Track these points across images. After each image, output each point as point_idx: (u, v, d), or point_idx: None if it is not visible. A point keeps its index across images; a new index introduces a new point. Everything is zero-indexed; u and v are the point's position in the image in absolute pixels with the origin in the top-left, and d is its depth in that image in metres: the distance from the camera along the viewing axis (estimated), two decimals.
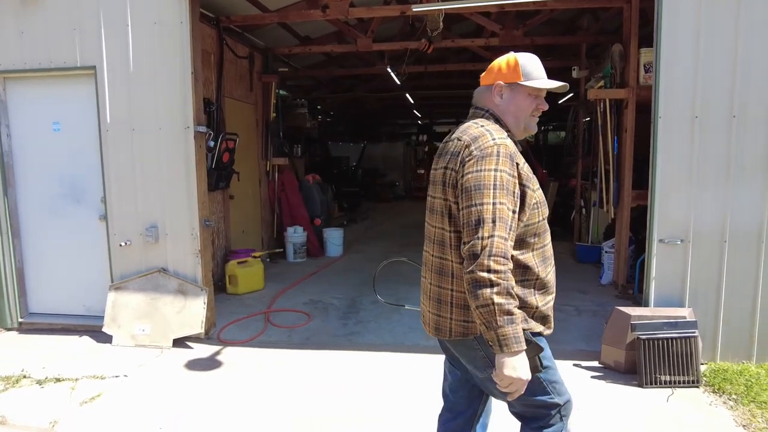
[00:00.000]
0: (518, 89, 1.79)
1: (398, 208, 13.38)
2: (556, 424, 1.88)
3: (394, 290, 5.45)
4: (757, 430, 2.83)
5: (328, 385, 3.43)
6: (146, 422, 3.02)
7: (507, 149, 1.65)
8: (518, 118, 1.81)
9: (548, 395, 1.83)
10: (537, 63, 1.82)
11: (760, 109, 3.44)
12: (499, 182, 1.60)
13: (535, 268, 1.74)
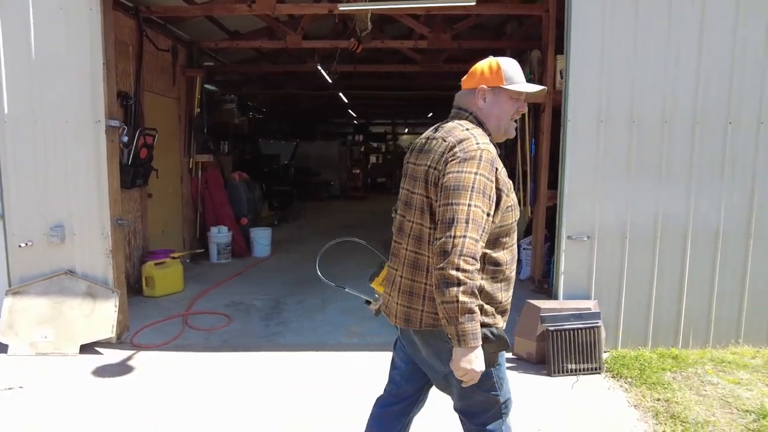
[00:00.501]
0: (501, 93, 1.85)
1: (333, 207, 13.33)
2: (496, 420, 1.95)
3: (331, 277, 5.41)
4: (646, 408, 3.07)
5: (244, 388, 3.36)
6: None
7: (489, 154, 1.71)
8: (500, 121, 1.88)
9: (495, 391, 1.89)
10: (517, 67, 1.89)
11: (656, 115, 3.73)
12: (477, 185, 1.65)
13: (505, 265, 1.81)
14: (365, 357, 3.81)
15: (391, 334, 4.22)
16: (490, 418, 1.94)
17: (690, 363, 3.64)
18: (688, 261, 3.84)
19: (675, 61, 3.69)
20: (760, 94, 3.72)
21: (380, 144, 21.63)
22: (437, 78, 10.43)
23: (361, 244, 2.57)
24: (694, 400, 3.15)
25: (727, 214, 3.81)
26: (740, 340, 3.92)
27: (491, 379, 1.86)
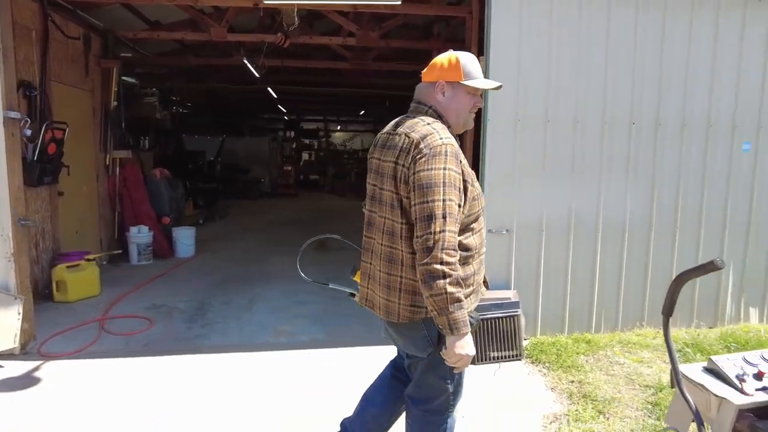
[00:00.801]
0: (459, 88, 1.90)
1: (263, 205, 13.02)
2: (440, 411, 2.01)
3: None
4: (561, 390, 3.27)
5: (165, 393, 3.22)
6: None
7: (453, 148, 1.76)
8: (459, 115, 1.93)
9: (448, 379, 1.95)
10: (475, 62, 1.93)
11: (569, 116, 3.96)
12: (448, 180, 1.72)
13: (474, 249, 1.89)
14: (292, 356, 3.78)
15: (320, 332, 4.25)
16: (436, 406, 2.00)
17: (601, 346, 3.91)
18: (599, 252, 4.12)
19: (586, 66, 3.94)
20: (658, 99, 4.05)
21: (312, 141, 21.41)
22: (367, 76, 10.48)
23: (339, 240, 2.65)
24: (604, 379, 3.40)
25: (632, 208, 4.13)
26: (644, 323, 4.26)
27: (446, 368, 1.90)
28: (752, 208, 4.29)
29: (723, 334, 4.08)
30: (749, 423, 1.67)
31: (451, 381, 1.97)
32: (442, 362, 1.86)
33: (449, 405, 2.02)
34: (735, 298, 4.37)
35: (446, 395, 1.99)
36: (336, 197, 15.33)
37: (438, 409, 2.02)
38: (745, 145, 4.23)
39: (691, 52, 4.05)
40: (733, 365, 1.84)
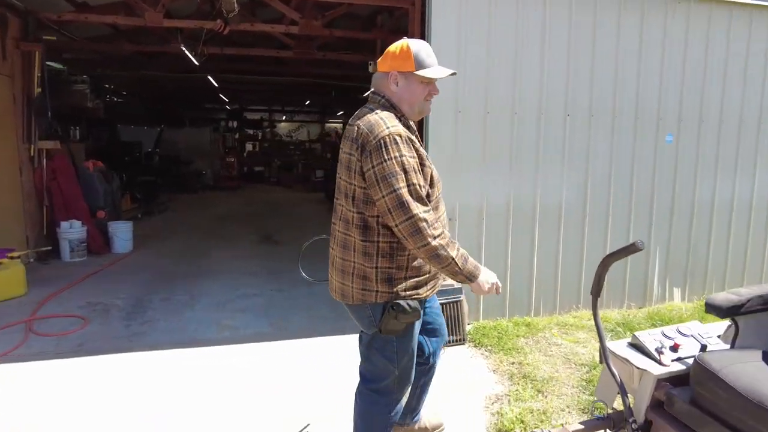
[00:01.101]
0: (412, 78, 1.91)
1: (206, 198, 12.65)
2: (387, 393, 2.07)
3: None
4: (503, 372, 3.40)
5: (103, 393, 3.08)
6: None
7: (402, 136, 1.81)
8: (413, 104, 1.96)
9: (393, 361, 2.00)
10: (428, 51, 1.93)
11: (507, 107, 4.08)
12: (407, 166, 1.79)
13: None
14: (236, 350, 3.71)
15: (264, 325, 4.19)
16: (383, 387, 2.07)
17: (540, 328, 4.08)
18: (537, 238, 4.29)
19: (522, 60, 4.07)
20: (590, 92, 4.25)
21: (257, 131, 20.92)
22: (312, 65, 10.35)
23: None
24: (542, 360, 3.56)
25: (568, 195, 4.32)
26: (580, 306, 4.48)
27: (392, 348, 1.99)
28: (674, 196, 4.60)
29: (650, 313, 4.37)
30: (666, 391, 1.81)
31: (396, 365, 2.02)
32: (388, 345, 1.97)
33: (396, 389, 2.08)
34: (661, 280, 4.68)
35: (393, 378, 2.05)
36: (282, 189, 15.10)
37: (384, 390, 2.08)
38: (668, 137, 4.52)
39: (620, 50, 4.27)
40: (653, 339, 1.98)
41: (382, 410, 2.11)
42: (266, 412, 2.90)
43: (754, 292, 1.82)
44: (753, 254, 4.92)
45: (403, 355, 2.03)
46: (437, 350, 2.41)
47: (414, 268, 1.95)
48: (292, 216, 9.95)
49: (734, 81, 4.60)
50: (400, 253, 1.92)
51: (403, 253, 1.92)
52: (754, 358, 1.71)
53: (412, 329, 2.02)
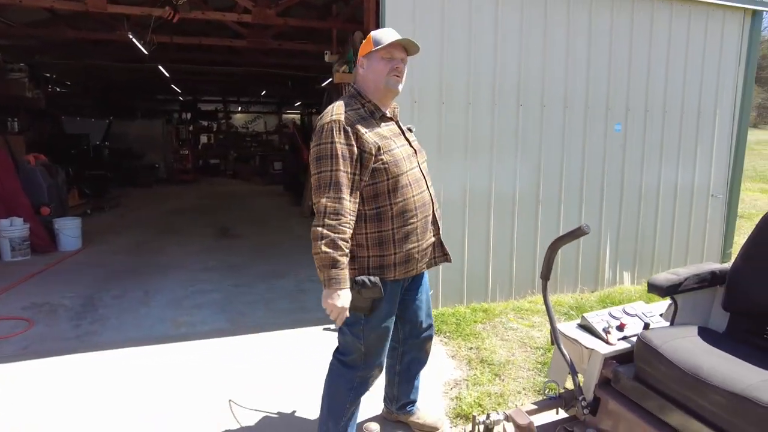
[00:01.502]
0: (372, 57, 2.02)
1: (160, 192, 12.24)
2: (353, 367, 2.15)
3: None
4: (461, 357, 3.46)
5: (47, 396, 2.96)
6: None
7: (340, 124, 1.90)
8: (377, 82, 2.01)
9: (359, 339, 2.09)
10: (388, 32, 2.03)
11: (461, 98, 4.13)
12: (334, 152, 1.88)
13: (389, 220, 1.99)
14: (193, 347, 3.63)
15: (221, 321, 4.12)
16: (350, 361, 2.16)
17: (496, 314, 4.18)
18: (492, 225, 4.38)
19: (477, 49, 4.11)
20: (542, 83, 4.35)
21: (211, 123, 20.38)
22: (267, 55, 10.15)
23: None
24: (499, 344, 3.65)
25: (521, 183, 4.43)
26: (535, 291, 4.61)
27: (359, 325, 2.07)
28: (623, 183, 4.78)
29: (602, 296, 4.54)
30: (613, 369, 1.89)
31: (363, 342, 2.10)
32: (357, 322, 2.06)
33: (362, 365, 2.14)
34: (612, 265, 4.87)
35: (359, 353, 2.12)
36: (239, 182, 14.79)
37: (350, 364, 2.16)
38: (616, 126, 4.69)
39: (570, 42, 4.38)
40: (601, 320, 2.06)
41: (344, 383, 2.17)
42: (219, 407, 2.86)
43: (690, 272, 1.93)
44: (694, 237, 5.19)
45: (370, 333, 2.09)
46: (408, 338, 2.44)
47: (375, 247, 2.00)
48: (249, 209, 9.77)
49: (676, 73, 4.81)
50: (358, 232, 2.00)
51: (361, 232, 2.00)
52: (690, 334, 1.82)
53: (382, 310, 2.06)
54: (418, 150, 2.18)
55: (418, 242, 2.08)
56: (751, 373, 1.56)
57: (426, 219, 2.10)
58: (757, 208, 8.69)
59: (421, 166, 2.14)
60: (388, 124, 2.09)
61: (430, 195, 2.14)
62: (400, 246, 2.03)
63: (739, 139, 5.20)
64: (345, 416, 2.19)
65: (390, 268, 2.03)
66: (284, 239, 7.07)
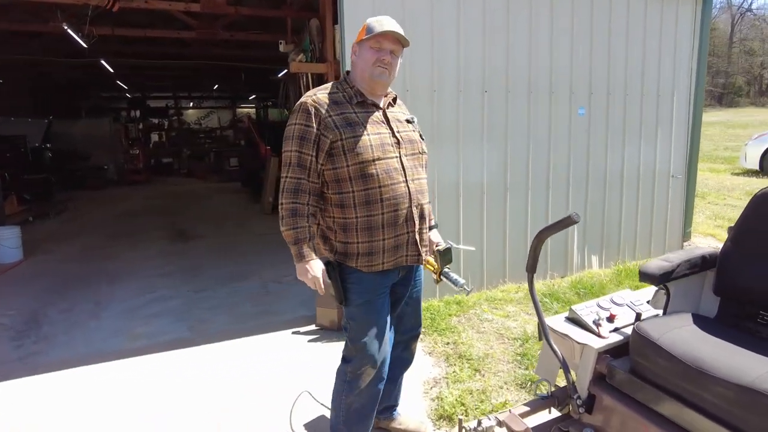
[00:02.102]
0: (363, 45, 2.02)
1: (110, 195, 11.60)
2: (345, 359, 2.14)
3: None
4: (439, 354, 3.35)
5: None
6: None
7: (304, 105, 1.94)
8: (363, 70, 2.01)
9: (345, 329, 2.12)
10: (384, 21, 2.00)
11: (426, 85, 3.98)
12: (295, 133, 1.93)
13: (352, 208, 1.95)
14: (152, 360, 3.37)
15: (182, 329, 3.85)
16: (345, 353, 2.16)
17: (471, 305, 4.09)
18: (462, 214, 4.27)
19: (439, 37, 3.97)
20: (506, 68, 4.26)
21: (162, 120, 19.53)
22: (219, 47, 9.72)
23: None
24: (476, 337, 3.55)
25: (488, 170, 4.34)
26: (506, 279, 4.56)
27: (344, 317, 2.11)
28: (588, 165, 4.77)
29: (573, 282, 4.53)
30: (607, 363, 1.80)
31: (348, 333, 2.11)
32: (344, 312, 2.09)
33: (353, 358, 2.09)
34: (580, 249, 4.87)
35: (348, 346, 2.12)
36: (195, 181, 14.23)
37: (346, 356, 2.16)
38: (580, 110, 4.66)
39: (533, 29, 4.30)
40: (590, 312, 1.97)
41: (340, 375, 2.16)
42: (183, 425, 2.63)
43: (681, 257, 1.85)
44: (657, 218, 5.26)
45: (352, 324, 2.07)
46: (392, 336, 2.31)
47: (341, 233, 2.00)
48: (206, 208, 9.37)
49: (635, 56, 4.82)
50: (328, 215, 2.02)
51: (330, 215, 2.01)
52: (686, 323, 1.74)
53: (356, 299, 2.02)
54: (405, 140, 2.05)
55: (383, 236, 1.98)
56: (754, 363, 1.49)
57: (396, 213, 1.98)
58: (708, 187, 9.00)
59: (404, 157, 2.02)
60: (366, 110, 2.01)
61: (408, 189, 2.00)
62: (363, 236, 1.97)
63: (695, 121, 5.29)
64: (344, 411, 2.15)
65: (352, 257, 1.99)
66: (245, 238, 6.78)
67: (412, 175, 2.02)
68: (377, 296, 2.05)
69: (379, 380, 2.15)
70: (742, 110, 33.90)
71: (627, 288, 4.31)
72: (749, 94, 40.84)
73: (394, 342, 2.31)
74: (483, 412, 2.65)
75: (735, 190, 8.73)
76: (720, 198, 8.13)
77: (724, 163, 12.31)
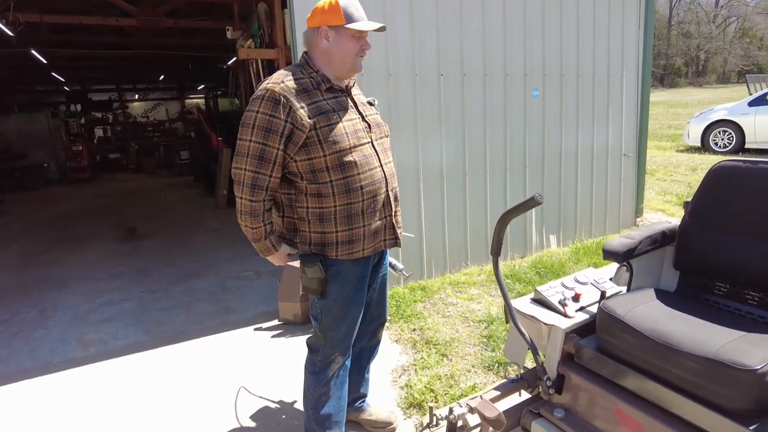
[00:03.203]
0: (342, 32, 1.88)
1: (51, 195, 10.97)
2: (313, 349, 2.10)
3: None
4: (406, 341, 3.32)
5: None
6: None
7: (272, 94, 1.77)
8: (344, 60, 1.91)
9: (315, 319, 2.04)
10: (357, 5, 1.90)
11: (382, 70, 3.90)
12: (258, 123, 1.78)
13: (330, 197, 1.88)
14: (106, 368, 3.18)
15: (137, 333, 3.67)
16: (311, 343, 2.12)
17: (435, 290, 4.08)
18: (422, 200, 4.24)
19: (392, 21, 3.88)
20: (461, 53, 4.22)
21: (106, 114, 18.58)
22: (162, 35, 9.27)
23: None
24: (442, 322, 3.54)
25: (447, 155, 4.31)
26: (468, 262, 4.58)
27: (316, 308, 2.02)
28: (544, 146, 4.83)
29: (533, 261, 4.59)
30: (574, 343, 1.80)
31: (319, 323, 2.04)
32: (313, 304, 2.03)
33: (322, 348, 2.06)
34: (538, 229, 4.94)
35: (317, 336, 2.07)
36: (144, 176, 13.64)
37: (313, 347, 2.11)
38: (534, 92, 4.70)
39: (485, 12, 4.28)
40: (555, 292, 1.96)
41: (309, 367, 2.11)
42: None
43: (643, 234, 1.87)
44: (611, 196, 5.41)
45: (326, 315, 2.01)
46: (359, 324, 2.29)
47: (317, 223, 1.92)
48: (157, 205, 8.99)
49: (586, 38, 4.89)
50: (300, 206, 1.94)
51: (303, 206, 1.93)
52: (649, 298, 1.75)
53: (334, 290, 1.98)
54: (373, 125, 2.03)
55: (364, 223, 1.95)
56: (715, 335, 1.51)
57: (375, 199, 1.97)
58: (656, 164, 9.35)
59: (375, 142, 1.99)
60: (335, 95, 1.94)
61: (384, 173, 1.99)
62: (343, 225, 1.92)
63: (643, 100, 5.44)
64: (315, 403, 2.10)
65: (332, 246, 1.93)
66: (199, 235, 6.53)
67: (385, 159, 2.02)
68: (356, 286, 2.03)
69: (346, 368, 2.15)
70: (682, 90, 35.56)
71: (586, 265, 4.44)
72: (687, 75, 42.90)
73: (361, 331, 2.25)
74: (452, 397, 2.64)
75: (680, 166, 9.11)
76: (667, 174, 8.46)
77: (669, 141, 12.83)
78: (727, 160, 1.81)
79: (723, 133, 10.36)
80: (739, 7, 44.08)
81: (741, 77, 34.06)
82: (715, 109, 10.93)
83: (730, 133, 10.22)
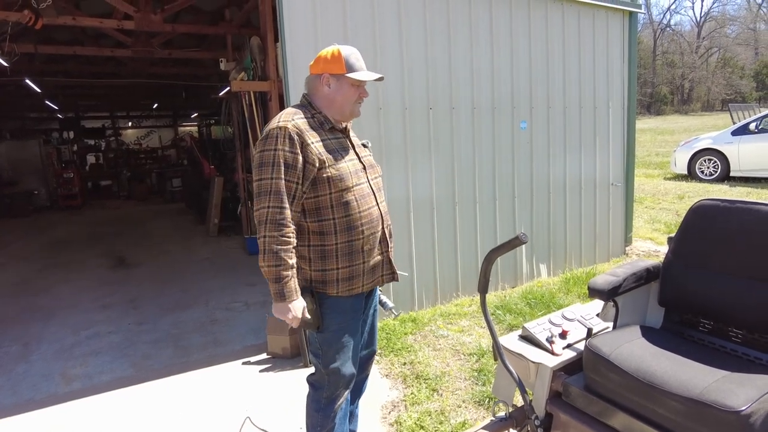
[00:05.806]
0: (343, 80, 1.99)
1: (41, 222, 10.88)
2: (317, 387, 2.08)
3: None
4: (396, 375, 3.28)
5: None
6: None
7: (286, 131, 1.84)
8: (343, 106, 2.01)
9: (318, 356, 2.04)
10: (357, 55, 2.03)
11: (372, 103, 3.96)
12: (277, 160, 1.82)
13: (333, 235, 1.92)
14: (90, 404, 3.12)
15: (123, 367, 3.61)
16: (313, 379, 2.11)
17: (425, 322, 4.06)
18: (413, 232, 4.26)
19: (383, 55, 3.98)
20: (450, 87, 4.31)
21: (99, 141, 18.60)
22: (156, 65, 9.40)
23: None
24: (432, 355, 3.52)
25: (437, 186, 4.36)
26: (459, 293, 4.57)
27: (317, 343, 2.02)
28: (532, 177, 4.90)
29: (523, 291, 4.60)
30: (562, 381, 1.79)
31: (320, 356, 2.04)
32: (313, 340, 2.02)
33: (326, 384, 2.06)
34: (529, 258, 4.96)
35: (320, 372, 2.06)
36: (135, 204, 13.60)
37: (316, 384, 2.10)
38: (522, 124, 4.79)
39: (474, 50, 4.39)
40: (542, 329, 1.97)
41: (313, 405, 2.10)
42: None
43: (627, 271, 1.89)
44: (600, 225, 5.46)
45: (327, 349, 2.01)
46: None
47: (318, 261, 1.95)
48: (148, 233, 8.95)
49: (571, 70, 5.01)
50: (301, 244, 1.95)
51: (304, 244, 1.96)
52: (635, 336, 1.77)
53: (333, 324, 1.99)
54: (368, 165, 2.11)
55: (363, 260, 2.01)
56: (700, 374, 1.52)
57: (374, 236, 2.03)
58: (645, 192, 9.47)
59: (371, 182, 2.07)
60: (337, 136, 2.04)
61: (380, 211, 2.06)
62: (344, 262, 1.97)
63: (629, 130, 5.56)
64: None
65: (333, 283, 1.97)
66: (189, 264, 6.48)
67: (380, 198, 2.10)
68: (352, 319, 2.06)
69: (348, 401, 2.16)
70: (669, 117, 36.25)
71: (576, 295, 4.45)
72: (674, 103, 43.83)
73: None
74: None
75: (668, 194, 9.23)
76: (656, 202, 8.56)
77: (657, 169, 13.02)
78: (705, 199, 1.85)
79: (708, 162, 10.55)
80: (720, 39, 45.44)
81: (725, 105, 34.88)
82: (700, 138, 11.15)
83: (716, 162, 10.41)
